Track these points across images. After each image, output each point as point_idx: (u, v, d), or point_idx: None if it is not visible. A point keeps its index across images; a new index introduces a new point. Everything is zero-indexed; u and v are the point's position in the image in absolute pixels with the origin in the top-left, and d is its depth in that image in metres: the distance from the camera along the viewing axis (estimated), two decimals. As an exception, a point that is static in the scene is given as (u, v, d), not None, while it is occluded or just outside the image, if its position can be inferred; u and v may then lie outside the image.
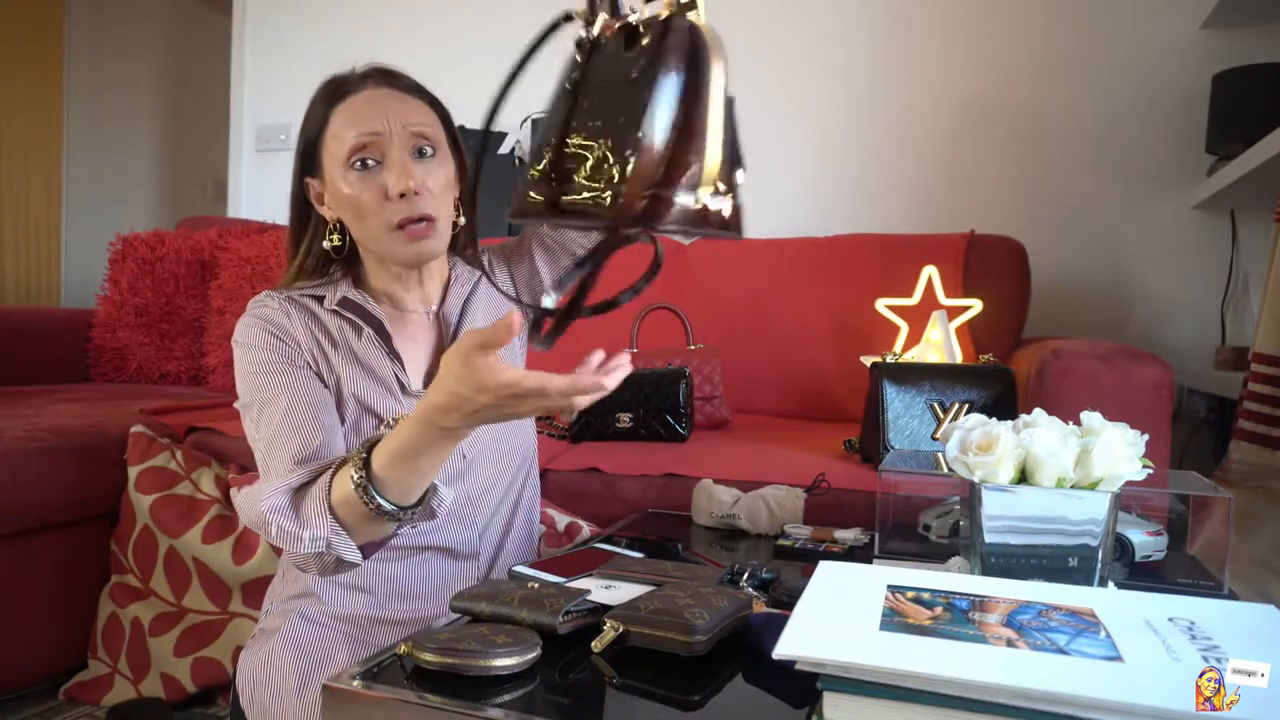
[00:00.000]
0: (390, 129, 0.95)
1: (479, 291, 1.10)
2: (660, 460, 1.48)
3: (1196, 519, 1.06)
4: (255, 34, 3.14)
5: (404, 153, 0.95)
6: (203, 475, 1.62)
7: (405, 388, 1.00)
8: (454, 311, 1.06)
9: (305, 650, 0.95)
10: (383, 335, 1.00)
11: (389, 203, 0.94)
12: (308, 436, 0.89)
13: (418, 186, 0.94)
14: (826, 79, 2.41)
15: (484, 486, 1.04)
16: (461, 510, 1.02)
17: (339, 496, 0.82)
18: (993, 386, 1.42)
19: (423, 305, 1.06)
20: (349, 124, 0.95)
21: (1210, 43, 2.09)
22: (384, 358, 1.00)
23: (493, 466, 1.05)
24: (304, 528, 0.82)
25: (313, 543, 0.82)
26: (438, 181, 0.97)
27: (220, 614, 1.53)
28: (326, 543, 0.82)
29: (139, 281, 2.47)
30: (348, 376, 0.98)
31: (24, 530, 1.53)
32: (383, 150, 0.95)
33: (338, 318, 1.00)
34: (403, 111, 0.96)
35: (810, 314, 2.05)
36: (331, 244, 1.01)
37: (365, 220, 0.96)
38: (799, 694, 0.60)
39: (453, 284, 1.08)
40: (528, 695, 0.62)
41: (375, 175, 0.95)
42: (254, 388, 0.93)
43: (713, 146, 0.59)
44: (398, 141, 0.95)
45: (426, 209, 0.95)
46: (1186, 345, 2.13)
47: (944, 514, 1.06)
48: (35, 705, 1.57)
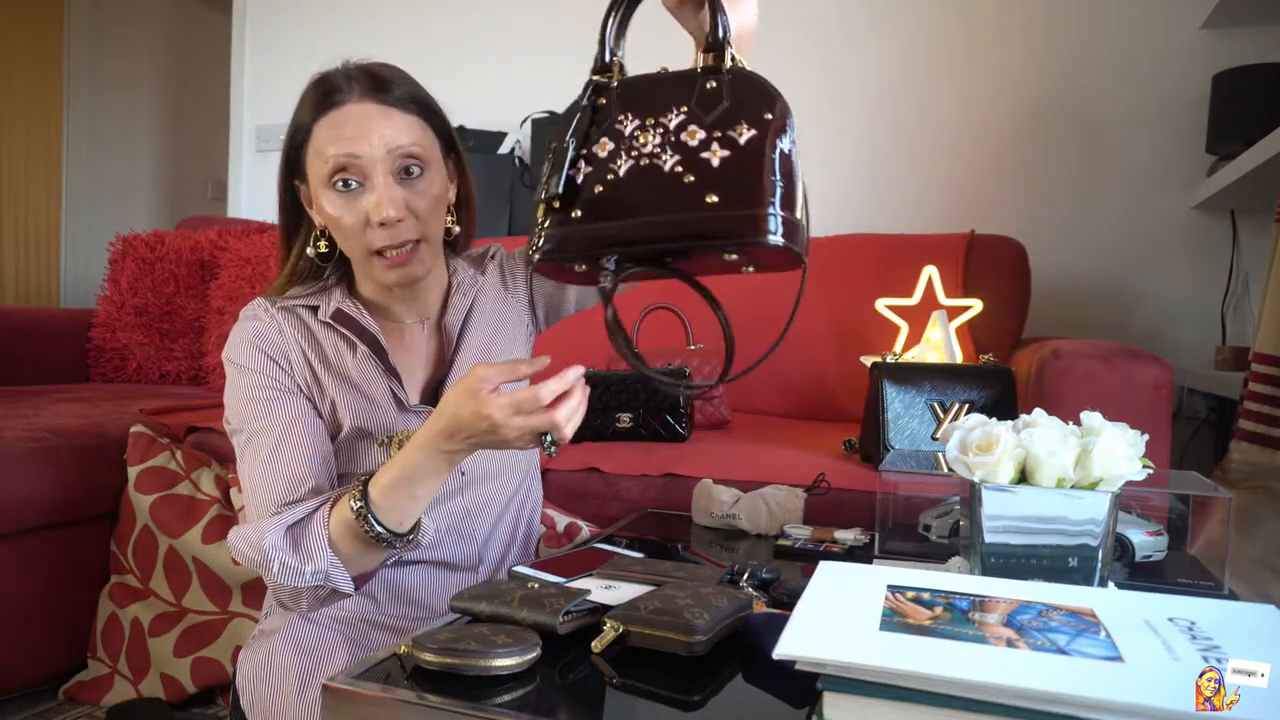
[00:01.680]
0: (374, 152, 0.89)
1: (481, 300, 1.07)
2: (660, 460, 1.48)
3: (1196, 519, 1.06)
4: (255, 34, 3.14)
5: (387, 177, 0.90)
6: (203, 475, 1.62)
7: (403, 404, 0.99)
8: (456, 324, 1.04)
9: (305, 650, 0.95)
10: (378, 352, 0.98)
11: (370, 228, 0.91)
12: (293, 481, 0.90)
13: (400, 214, 0.90)
14: (825, 80, 2.41)
15: (483, 501, 1.03)
16: (460, 525, 1.01)
17: (337, 530, 0.85)
18: (993, 386, 1.42)
19: (419, 316, 1.03)
20: (331, 141, 0.90)
21: (1210, 43, 2.09)
22: (380, 375, 0.98)
23: (493, 482, 1.04)
24: (306, 562, 0.84)
25: (314, 576, 0.84)
26: (424, 202, 0.93)
27: (220, 614, 1.53)
28: (326, 575, 0.85)
29: (139, 281, 2.47)
30: (342, 400, 0.96)
31: (24, 530, 1.53)
32: (365, 172, 0.90)
33: (331, 332, 0.98)
34: (388, 132, 0.90)
35: (810, 314, 2.04)
36: (317, 250, 0.98)
37: (346, 241, 0.94)
38: (799, 694, 0.60)
39: (454, 292, 1.04)
40: (528, 695, 0.62)
41: (357, 197, 0.91)
42: (244, 415, 0.93)
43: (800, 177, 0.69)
44: (381, 166, 0.90)
45: (410, 235, 0.92)
46: (1186, 345, 2.13)
47: (944, 514, 1.06)
48: (35, 705, 1.56)
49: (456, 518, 1.00)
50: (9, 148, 3.82)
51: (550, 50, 2.62)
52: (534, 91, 2.60)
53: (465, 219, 1.05)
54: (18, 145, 3.84)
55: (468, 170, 1.04)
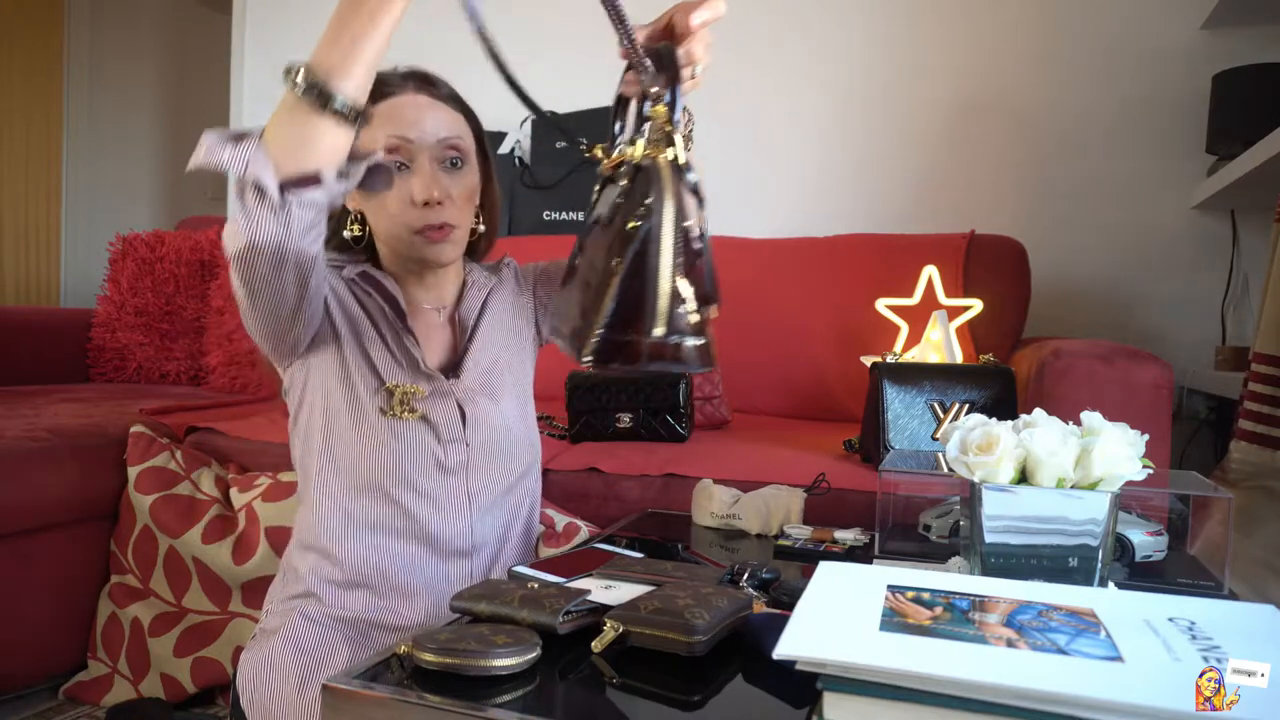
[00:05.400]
0: (424, 138, 0.97)
1: (494, 299, 1.12)
2: (660, 460, 1.48)
3: (1196, 519, 1.06)
4: (255, 34, 3.14)
5: (433, 163, 0.98)
6: (203, 475, 1.62)
7: (417, 365, 1.01)
8: (472, 313, 1.09)
9: (305, 650, 0.95)
10: (398, 313, 1.02)
11: (412, 208, 0.97)
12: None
13: (441, 196, 0.97)
14: (827, 79, 2.41)
15: (483, 484, 1.04)
16: (459, 504, 1.02)
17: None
18: (993, 386, 1.42)
19: (436, 304, 1.08)
20: (384, 125, 0.97)
21: (1210, 43, 2.09)
22: (399, 334, 1.02)
23: (495, 467, 1.05)
24: (235, 148, 0.76)
25: (236, 149, 0.75)
26: (462, 191, 1.01)
27: (220, 614, 1.53)
28: (247, 154, 0.75)
29: (139, 281, 2.47)
30: (360, 334, 1.00)
31: (24, 530, 1.53)
32: (413, 156, 0.98)
33: (355, 288, 1.03)
34: (438, 121, 0.99)
35: (810, 314, 2.05)
36: (352, 234, 1.05)
37: (387, 220, 1.00)
38: (799, 694, 0.60)
39: (469, 288, 1.10)
40: (528, 695, 0.62)
41: (403, 179, 0.97)
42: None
43: (663, 286, 0.62)
44: (428, 152, 0.98)
45: (448, 217, 0.99)
46: (1186, 345, 2.13)
47: (944, 514, 1.06)
48: (35, 705, 1.57)
49: (457, 496, 1.02)
50: (9, 148, 3.82)
51: (551, 50, 2.62)
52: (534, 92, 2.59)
53: (489, 221, 1.12)
54: (18, 145, 3.84)
55: (494, 176, 1.10)
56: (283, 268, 0.82)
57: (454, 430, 1.01)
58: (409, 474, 0.98)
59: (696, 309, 0.64)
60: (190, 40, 4.36)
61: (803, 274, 2.09)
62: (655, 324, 0.62)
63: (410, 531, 0.99)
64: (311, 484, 1.00)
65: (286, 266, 0.82)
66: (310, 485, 1.00)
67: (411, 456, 0.98)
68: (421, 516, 0.99)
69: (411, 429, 0.99)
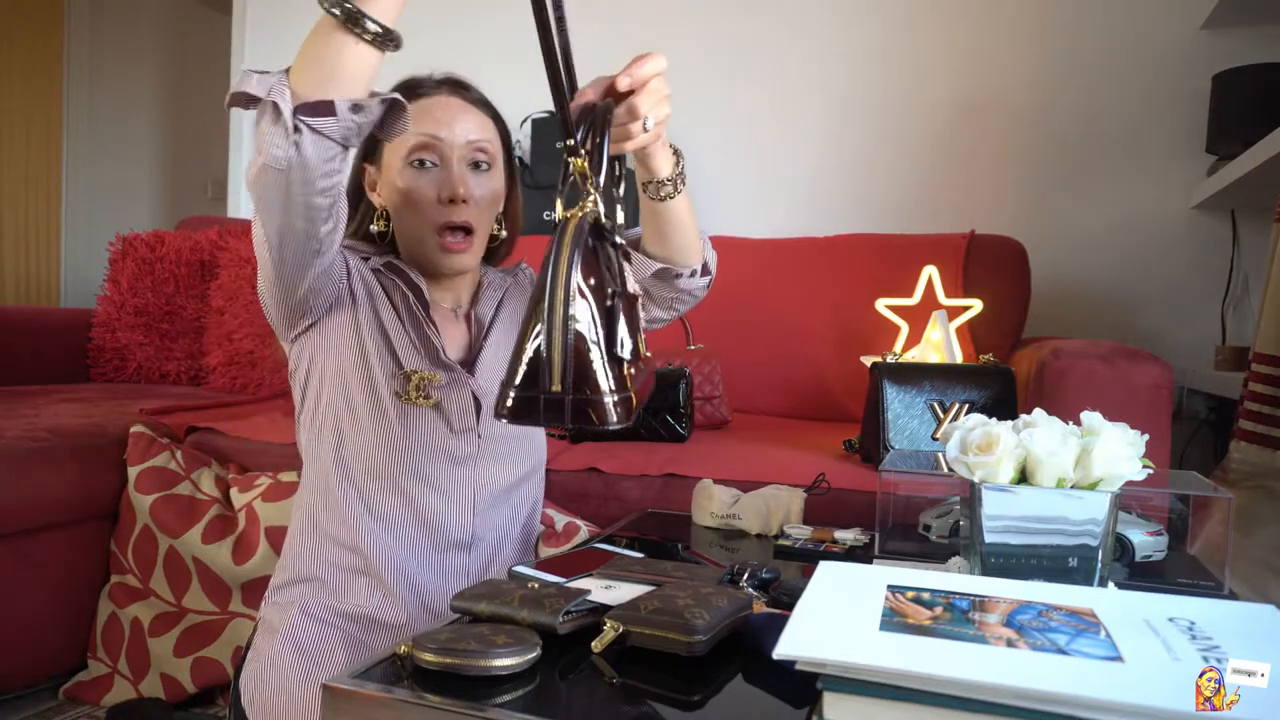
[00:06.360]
0: (454, 138, 1.00)
1: (508, 301, 1.14)
2: (660, 460, 1.48)
3: (1196, 519, 1.05)
4: (255, 34, 3.14)
5: (461, 163, 1.00)
6: (203, 475, 1.62)
7: (437, 355, 1.02)
8: (488, 313, 1.10)
9: (306, 650, 0.95)
10: (421, 303, 1.04)
11: (437, 205, 1.00)
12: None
13: (466, 195, 0.99)
14: (827, 79, 2.41)
15: (489, 477, 1.05)
16: (459, 490, 1.02)
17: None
18: (993, 386, 1.42)
19: (453, 304, 1.10)
20: (416, 123, 0.98)
21: (1210, 43, 2.10)
22: (421, 323, 1.03)
23: (504, 463, 1.06)
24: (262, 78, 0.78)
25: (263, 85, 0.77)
26: (486, 194, 1.02)
27: (220, 614, 1.53)
28: (274, 81, 0.77)
29: (139, 281, 2.47)
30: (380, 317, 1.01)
31: (24, 530, 1.52)
32: (442, 154, 1.00)
33: (381, 277, 1.04)
34: (468, 124, 1.01)
35: (810, 314, 2.05)
36: (378, 229, 1.06)
37: (411, 216, 1.01)
38: (799, 694, 0.60)
39: (485, 289, 1.12)
40: (528, 695, 0.62)
41: (430, 176, 1.00)
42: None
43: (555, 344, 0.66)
44: (458, 151, 1.00)
45: (470, 218, 1.01)
46: (1186, 345, 2.13)
47: (944, 514, 1.06)
48: (35, 705, 1.57)
49: (463, 488, 1.02)
50: (9, 148, 3.82)
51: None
52: (535, 91, 2.59)
53: (511, 228, 1.13)
54: (18, 145, 3.84)
55: (518, 184, 1.12)
56: (292, 200, 0.81)
57: (467, 420, 1.02)
58: (418, 460, 0.99)
59: (606, 365, 0.67)
60: (190, 40, 4.36)
61: (803, 274, 2.09)
62: (552, 381, 0.66)
63: (412, 518, 1.00)
64: (316, 465, 1.00)
65: (295, 200, 0.81)
66: (314, 466, 1.01)
67: (422, 443, 0.99)
68: (425, 504, 0.99)
69: (424, 416, 0.99)
